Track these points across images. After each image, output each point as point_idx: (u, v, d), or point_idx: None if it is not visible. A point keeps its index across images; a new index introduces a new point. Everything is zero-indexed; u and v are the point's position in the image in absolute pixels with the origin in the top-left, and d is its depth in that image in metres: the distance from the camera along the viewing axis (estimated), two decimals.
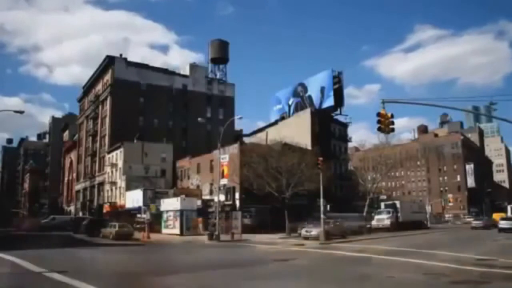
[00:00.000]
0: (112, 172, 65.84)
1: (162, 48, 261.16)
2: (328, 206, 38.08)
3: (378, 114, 18.76)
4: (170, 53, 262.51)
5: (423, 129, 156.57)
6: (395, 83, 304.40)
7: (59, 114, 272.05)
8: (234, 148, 46.59)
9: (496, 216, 57.15)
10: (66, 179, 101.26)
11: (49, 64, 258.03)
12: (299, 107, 76.98)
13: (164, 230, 39.48)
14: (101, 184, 71.57)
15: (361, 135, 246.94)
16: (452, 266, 14.05)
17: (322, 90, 73.80)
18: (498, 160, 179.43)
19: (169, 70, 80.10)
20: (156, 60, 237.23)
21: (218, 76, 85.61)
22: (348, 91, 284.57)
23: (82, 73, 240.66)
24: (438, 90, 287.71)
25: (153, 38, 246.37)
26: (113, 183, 64.61)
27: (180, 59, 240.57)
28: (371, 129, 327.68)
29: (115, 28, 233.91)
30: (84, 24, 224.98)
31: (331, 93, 71.57)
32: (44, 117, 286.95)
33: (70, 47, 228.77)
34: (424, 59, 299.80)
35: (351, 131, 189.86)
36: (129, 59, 75.32)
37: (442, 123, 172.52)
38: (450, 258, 16.62)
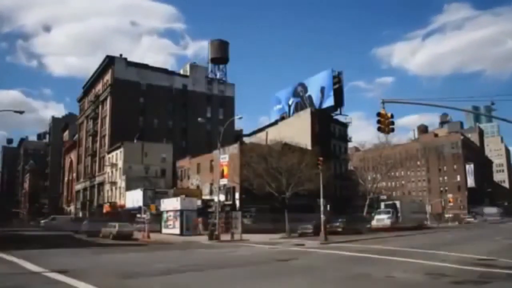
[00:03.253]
0: (112, 172, 65.85)
1: (172, 34, 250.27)
2: (328, 206, 38.08)
3: (378, 114, 18.77)
4: (181, 40, 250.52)
5: (423, 129, 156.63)
6: (410, 74, 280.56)
7: (60, 108, 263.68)
8: (234, 148, 46.62)
9: None
10: (66, 179, 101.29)
11: (45, 53, 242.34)
12: (299, 107, 77.01)
13: (164, 230, 39.48)
14: (101, 184, 71.58)
15: (370, 132, 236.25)
16: (453, 266, 14.04)
17: (322, 90, 73.86)
18: (498, 160, 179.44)
19: (169, 70, 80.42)
20: (166, 48, 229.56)
21: (218, 76, 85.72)
22: (357, 84, 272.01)
23: (82, 63, 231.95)
24: (456, 84, 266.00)
25: (163, 23, 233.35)
26: (113, 183, 64.64)
27: (193, 46, 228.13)
28: None
29: (119, 11, 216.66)
30: (83, 6, 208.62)
31: (331, 93, 71.65)
32: (44, 111, 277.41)
33: (67, 33, 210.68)
34: (444, 46, 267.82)
35: (358, 129, 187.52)
36: (136, 48, 75.54)
37: (442, 123, 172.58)
38: (451, 258, 16.60)
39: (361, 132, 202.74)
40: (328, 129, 69.77)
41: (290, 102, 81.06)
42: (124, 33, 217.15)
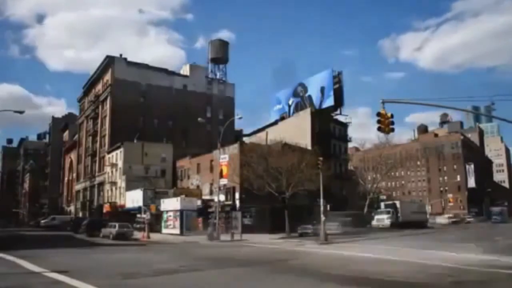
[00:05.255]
0: (112, 172, 65.83)
1: (177, 26, 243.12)
2: (328, 206, 38.09)
3: (378, 114, 18.76)
4: (190, 31, 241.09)
5: (423, 129, 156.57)
6: (419, 68, 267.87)
7: (60, 104, 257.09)
8: (234, 148, 46.56)
9: None
10: (66, 179, 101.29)
11: (40, 46, 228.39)
12: (299, 107, 76.95)
13: (164, 230, 39.50)
14: (101, 184, 71.57)
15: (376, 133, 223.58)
16: (454, 266, 14.03)
17: (322, 90, 73.78)
18: (498, 160, 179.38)
19: (169, 70, 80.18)
20: (170, 41, 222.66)
21: (218, 76, 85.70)
22: (364, 79, 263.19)
23: (82, 57, 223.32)
24: (467, 80, 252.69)
25: (162, 13, 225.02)
26: (113, 183, 64.62)
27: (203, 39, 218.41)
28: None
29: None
30: None
31: (331, 93, 71.55)
32: (44, 107, 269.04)
33: (64, 23, 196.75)
34: (457, 37, 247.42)
35: (365, 126, 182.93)
36: (141, 40, 75.15)
37: (442, 123, 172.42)
38: (452, 258, 16.60)
39: (369, 129, 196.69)
40: (328, 129, 69.74)
41: (290, 102, 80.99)
42: (128, 24, 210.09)
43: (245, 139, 67.39)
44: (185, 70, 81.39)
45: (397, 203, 51.35)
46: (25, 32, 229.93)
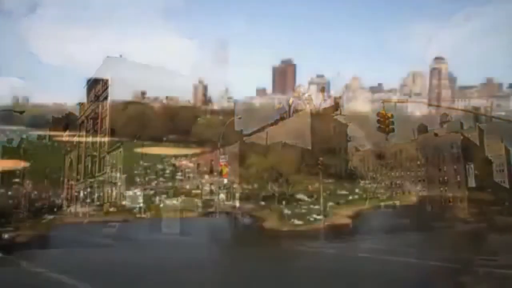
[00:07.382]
0: (112, 172, 65.85)
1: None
2: (328, 206, 38.13)
3: (378, 114, 18.78)
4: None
5: (422, 129, 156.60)
6: (424, 63, 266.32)
7: (61, 103, 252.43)
8: (234, 148, 46.61)
9: None
10: (66, 179, 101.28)
11: (35, 38, 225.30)
12: (299, 107, 76.96)
13: (164, 230, 39.44)
14: (101, 184, 71.57)
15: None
16: (453, 266, 14.05)
17: (322, 90, 73.82)
18: (498, 160, 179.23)
19: (169, 70, 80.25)
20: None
21: (218, 76, 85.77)
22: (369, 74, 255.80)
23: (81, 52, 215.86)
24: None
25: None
26: (113, 183, 64.63)
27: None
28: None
29: None
30: None
31: (331, 93, 71.63)
32: (43, 103, 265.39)
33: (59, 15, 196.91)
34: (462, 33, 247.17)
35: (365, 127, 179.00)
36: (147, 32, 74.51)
37: (442, 123, 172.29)
38: (451, 257, 16.61)
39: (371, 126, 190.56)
40: (328, 129, 69.66)
41: (290, 102, 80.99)
42: (132, 13, 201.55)
43: (245, 139, 67.40)
44: (186, 70, 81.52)
45: (397, 203, 51.31)
46: (21, 23, 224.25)
